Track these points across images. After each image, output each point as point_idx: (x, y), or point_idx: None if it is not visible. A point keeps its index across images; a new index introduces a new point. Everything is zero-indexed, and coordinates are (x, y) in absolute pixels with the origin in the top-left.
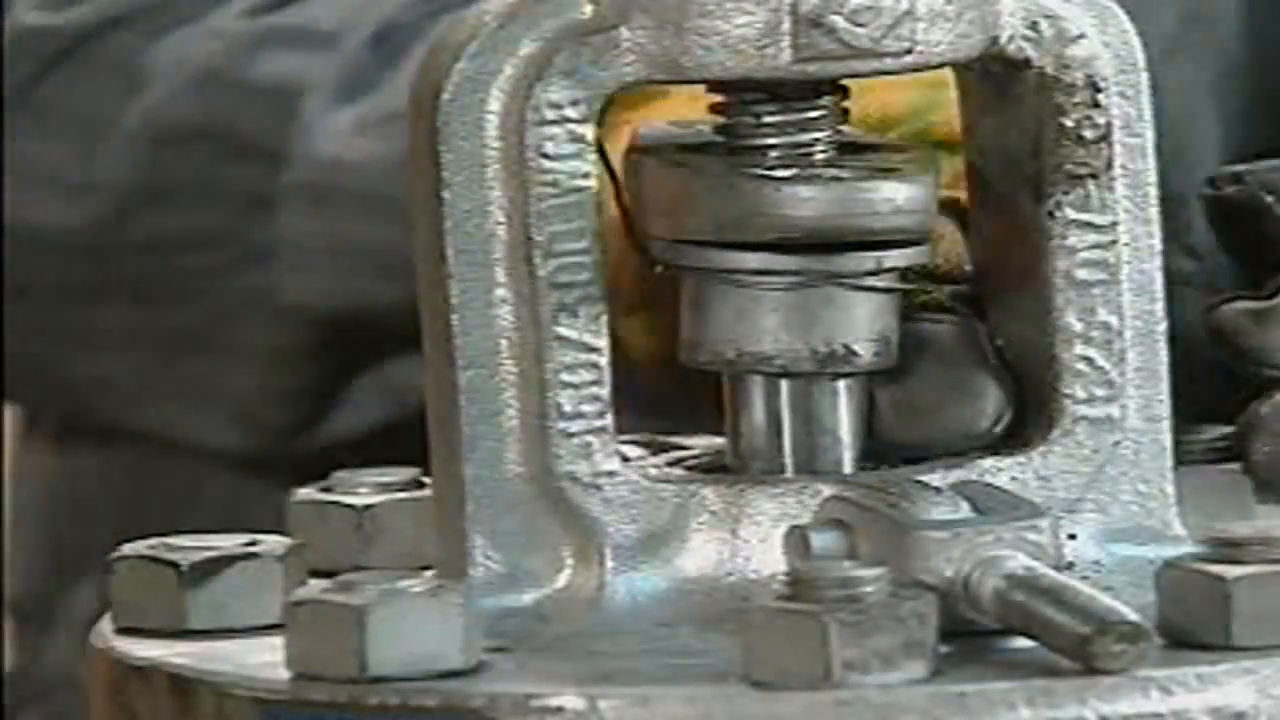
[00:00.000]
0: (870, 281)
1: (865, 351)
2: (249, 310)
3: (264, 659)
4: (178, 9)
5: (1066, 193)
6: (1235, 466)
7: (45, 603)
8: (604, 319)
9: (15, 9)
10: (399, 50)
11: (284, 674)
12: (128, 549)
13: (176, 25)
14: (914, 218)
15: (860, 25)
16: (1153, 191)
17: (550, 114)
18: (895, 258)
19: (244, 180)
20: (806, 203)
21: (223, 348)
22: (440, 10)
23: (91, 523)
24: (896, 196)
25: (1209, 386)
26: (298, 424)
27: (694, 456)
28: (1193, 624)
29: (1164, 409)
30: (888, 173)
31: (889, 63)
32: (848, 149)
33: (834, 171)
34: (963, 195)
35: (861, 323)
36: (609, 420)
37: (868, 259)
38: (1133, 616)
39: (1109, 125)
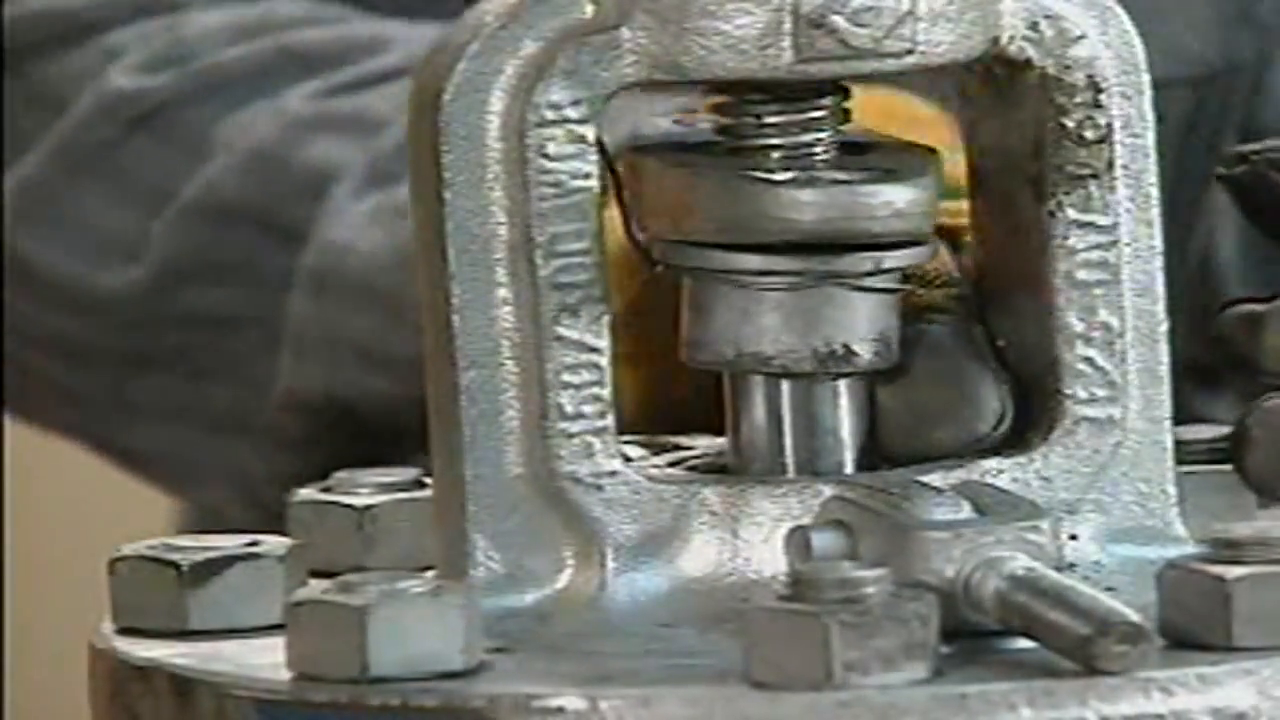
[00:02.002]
0: (870, 282)
1: (865, 351)
2: (270, 396)
3: (265, 659)
4: (263, 83)
5: (1068, 193)
6: None
7: None
8: (605, 320)
9: (108, 74)
10: None
11: (284, 674)
12: (128, 549)
13: (256, 99)
14: (914, 220)
15: (861, 26)
16: (1154, 192)
17: (551, 114)
18: (895, 258)
19: (279, 264)
20: (808, 206)
21: (249, 430)
22: None
23: None
24: (896, 200)
25: None
26: None
27: (695, 457)
28: (1193, 624)
29: (1165, 409)
30: (888, 175)
31: (890, 63)
32: (849, 149)
33: (834, 174)
34: (954, 221)
35: (862, 323)
36: (610, 420)
37: (867, 259)
38: (1134, 617)
39: (1110, 126)
